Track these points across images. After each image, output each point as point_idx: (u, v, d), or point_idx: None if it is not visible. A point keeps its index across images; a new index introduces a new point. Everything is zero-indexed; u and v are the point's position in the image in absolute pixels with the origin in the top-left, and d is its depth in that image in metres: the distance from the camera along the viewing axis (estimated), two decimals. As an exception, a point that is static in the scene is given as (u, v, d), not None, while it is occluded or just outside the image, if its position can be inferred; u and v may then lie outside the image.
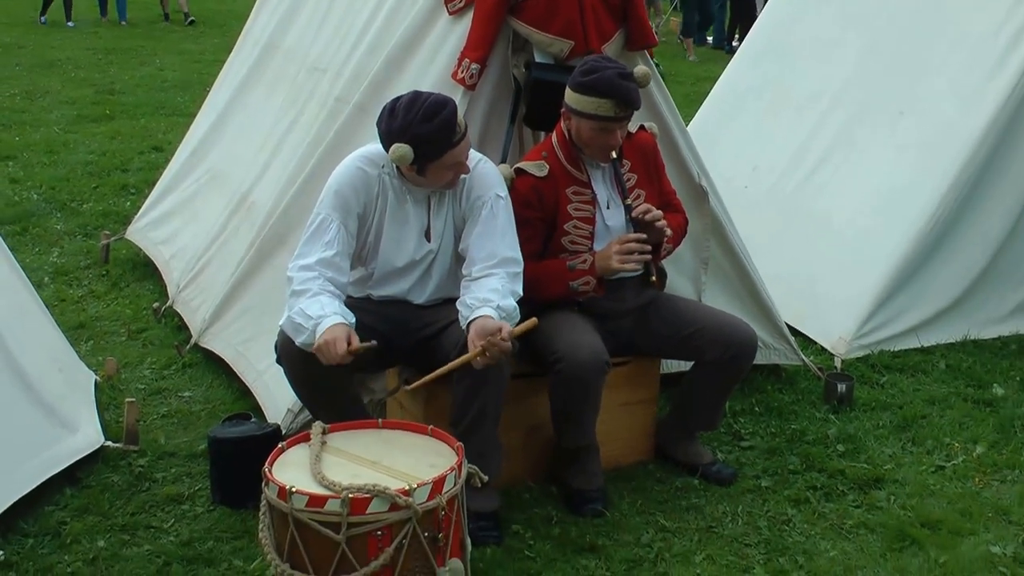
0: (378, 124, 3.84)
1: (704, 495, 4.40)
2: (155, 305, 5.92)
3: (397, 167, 3.89)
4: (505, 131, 4.50)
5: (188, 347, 5.37)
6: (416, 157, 3.73)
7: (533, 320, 3.75)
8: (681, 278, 4.92)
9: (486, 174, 4.00)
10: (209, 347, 5.28)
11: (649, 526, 4.17)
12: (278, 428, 4.26)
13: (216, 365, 5.26)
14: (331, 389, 3.89)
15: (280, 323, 3.81)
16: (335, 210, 3.90)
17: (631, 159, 4.27)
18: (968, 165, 5.78)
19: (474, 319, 3.71)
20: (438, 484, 3.20)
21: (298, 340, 3.71)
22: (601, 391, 4.10)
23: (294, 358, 3.81)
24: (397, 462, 3.35)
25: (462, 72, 4.44)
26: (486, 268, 3.88)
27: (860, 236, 6.01)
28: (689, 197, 4.79)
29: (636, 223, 4.16)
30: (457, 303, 3.86)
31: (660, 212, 4.21)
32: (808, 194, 6.45)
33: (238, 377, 5.06)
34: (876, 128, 6.30)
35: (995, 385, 5.39)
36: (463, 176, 3.93)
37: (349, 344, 3.60)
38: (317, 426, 3.51)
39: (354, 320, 3.72)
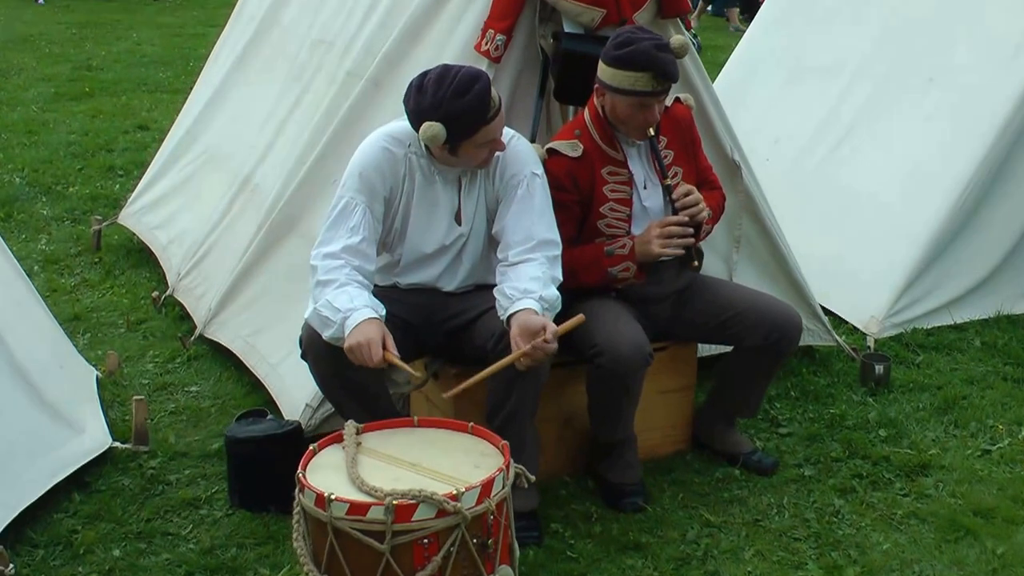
0: (405, 101, 3.65)
1: (746, 486, 4.26)
2: (154, 294, 5.72)
3: (426, 146, 3.70)
4: (534, 106, 4.32)
5: (193, 339, 5.19)
6: (448, 136, 3.54)
7: (580, 317, 3.58)
8: (712, 257, 4.74)
9: (520, 151, 3.81)
10: (215, 338, 5.10)
11: (693, 521, 4.03)
12: (299, 426, 4.08)
13: (224, 357, 5.08)
14: (361, 386, 3.72)
15: (305, 316, 3.63)
16: (360, 193, 3.72)
17: (667, 134, 4.09)
18: (1003, 133, 5.63)
19: (515, 313, 3.54)
20: (487, 487, 3.04)
21: (325, 334, 3.53)
22: (642, 384, 3.95)
23: (321, 354, 3.63)
24: (439, 463, 3.19)
25: (486, 44, 4.24)
26: (524, 252, 3.71)
27: (888, 210, 5.85)
28: (722, 172, 4.62)
29: (674, 205, 3.99)
30: (495, 291, 3.68)
31: (699, 194, 4.04)
32: (833, 167, 6.28)
33: (248, 370, 4.88)
34: (904, 97, 6.12)
35: (1037, 362, 5.26)
36: (496, 154, 3.73)
37: (385, 348, 3.42)
38: (350, 426, 3.33)
39: (384, 312, 3.55)
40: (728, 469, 4.35)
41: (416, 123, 3.59)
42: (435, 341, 3.90)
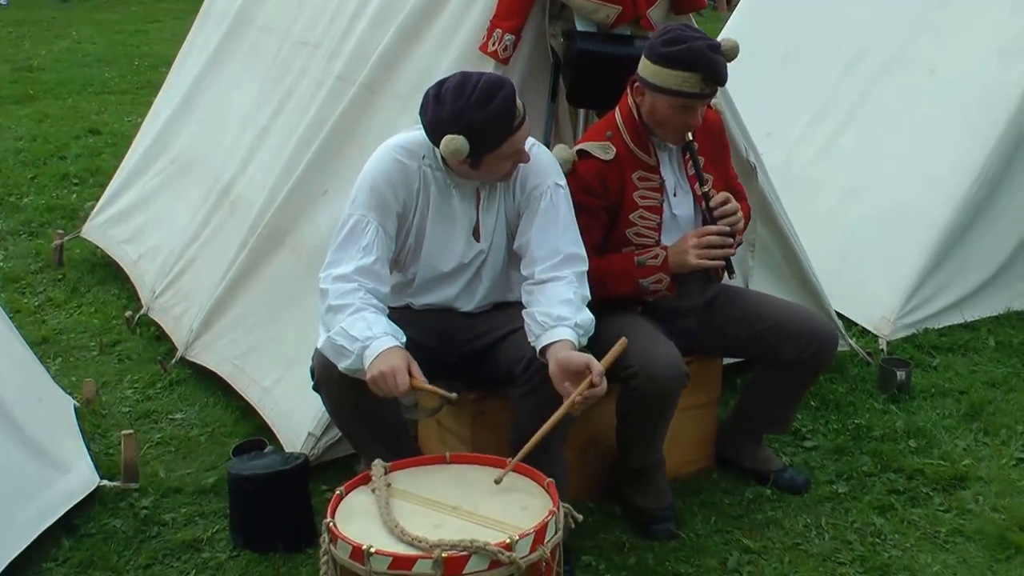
0: (422, 112, 3.40)
1: (779, 506, 4.07)
2: (127, 314, 5.42)
3: (442, 158, 3.46)
4: (545, 111, 4.10)
5: (174, 362, 4.91)
6: (471, 148, 3.29)
7: (623, 341, 3.36)
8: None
9: (542, 160, 3.58)
10: (199, 361, 4.83)
11: (731, 547, 3.83)
12: (306, 459, 3.82)
13: (208, 380, 4.81)
14: (378, 417, 3.48)
15: (318, 345, 3.37)
16: (371, 210, 3.47)
17: (699, 140, 3.88)
18: (1013, 123, 5.50)
19: (551, 345, 3.31)
20: (540, 533, 2.81)
21: (341, 365, 3.29)
22: (676, 405, 3.74)
23: (336, 385, 3.38)
24: (482, 506, 2.95)
25: (494, 44, 4.01)
26: (550, 268, 3.48)
27: (894, 205, 5.70)
28: (737, 174, 4.42)
29: (712, 213, 3.79)
30: (524, 314, 3.45)
31: (736, 202, 3.84)
32: (832, 161, 6.11)
33: (235, 394, 4.62)
34: (904, 87, 5.97)
35: (1057, 364, 5.13)
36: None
37: (411, 375, 3.18)
38: (378, 466, 3.09)
39: (405, 339, 3.30)
40: (758, 488, 4.16)
41: (435, 136, 3.35)
42: (451, 364, 3.66)
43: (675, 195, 3.86)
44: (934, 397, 4.85)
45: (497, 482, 3.08)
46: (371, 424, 3.49)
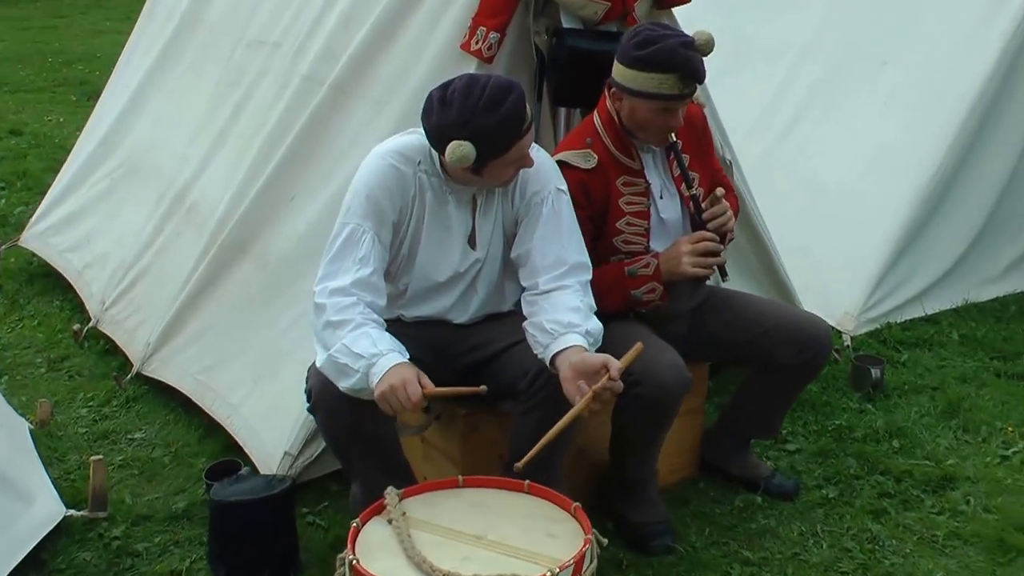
0: (425, 116, 3.18)
1: (772, 514, 3.95)
2: (75, 327, 5.10)
3: (440, 163, 3.26)
4: (532, 112, 3.88)
5: (129, 377, 4.62)
6: (477, 155, 3.09)
7: (639, 346, 3.18)
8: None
9: (541, 164, 3.39)
10: (158, 377, 4.55)
11: (730, 559, 3.69)
12: (292, 483, 3.59)
13: (167, 397, 4.54)
14: (376, 438, 3.28)
15: (318, 364, 3.14)
16: (366, 218, 3.25)
17: (683, 137, 3.70)
18: (970, 116, 5.45)
19: (562, 351, 3.12)
20: (578, 564, 2.63)
21: (344, 384, 3.07)
22: (678, 412, 3.58)
23: (336, 406, 3.16)
24: (507, 535, 2.76)
25: (477, 42, 3.81)
26: (556, 278, 3.30)
27: (852, 199, 5.62)
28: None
29: (702, 217, 3.63)
30: (528, 325, 3.26)
31: (726, 203, 3.69)
32: (784, 155, 6.01)
33: (196, 410, 4.36)
34: (856, 81, 5.91)
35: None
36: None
37: (422, 386, 2.98)
38: (392, 494, 2.88)
39: (408, 356, 3.10)
40: (747, 496, 4.03)
41: (439, 141, 3.14)
42: (445, 379, 3.44)
43: (661, 198, 3.70)
44: (908, 394, 4.78)
45: (518, 470, 2.94)
46: (369, 446, 3.29)
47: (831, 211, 5.66)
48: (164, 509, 3.87)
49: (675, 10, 4.15)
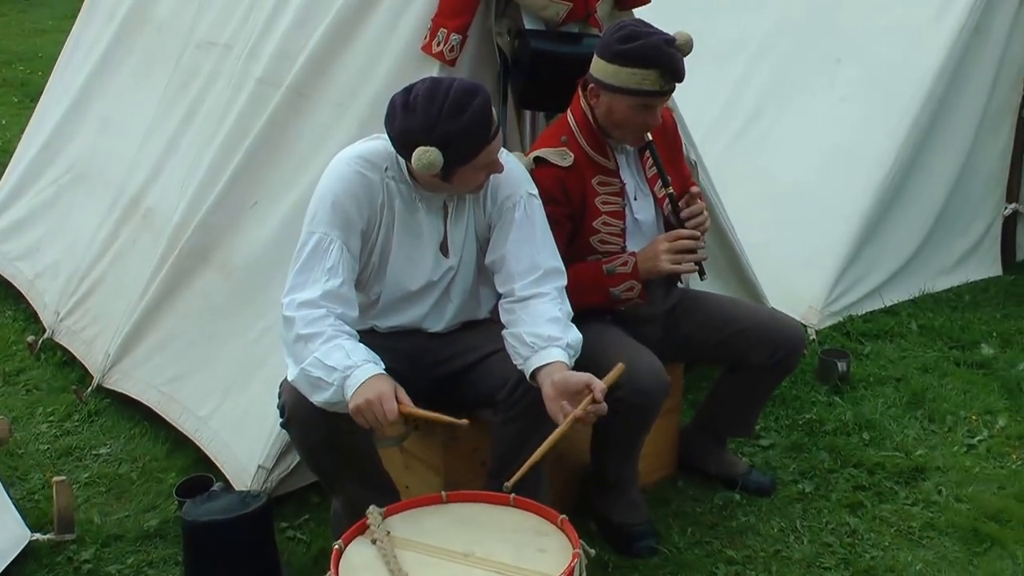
0: (388, 122, 3.07)
1: (751, 511, 3.91)
2: (30, 339, 4.93)
3: (408, 170, 3.15)
4: (498, 115, 3.78)
5: (90, 390, 4.46)
6: (445, 161, 2.99)
7: (620, 367, 3.11)
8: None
9: (512, 169, 3.29)
10: (120, 389, 4.41)
11: (714, 559, 3.65)
12: (269, 499, 3.46)
13: (131, 409, 4.40)
14: (352, 450, 3.16)
15: (289, 379, 3.02)
16: (333, 227, 3.12)
17: (656, 140, 3.63)
18: (923, 110, 5.46)
19: (544, 367, 3.03)
20: (570, 578, 2.55)
21: (318, 398, 2.96)
22: (658, 415, 3.52)
23: (308, 421, 3.05)
24: (495, 551, 2.67)
25: (439, 44, 3.70)
26: (531, 285, 3.20)
27: (812, 194, 5.59)
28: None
29: (679, 216, 3.57)
30: (507, 335, 3.17)
31: (702, 202, 3.62)
32: (742, 153, 5.96)
33: (162, 422, 4.23)
34: (810, 78, 5.88)
35: (982, 345, 5.10)
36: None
37: (399, 401, 2.88)
38: (374, 513, 2.77)
39: (384, 367, 2.99)
40: (726, 493, 3.99)
41: (405, 148, 3.02)
42: (423, 389, 3.33)
43: (635, 199, 3.63)
44: (873, 386, 4.76)
45: (507, 490, 2.83)
46: (347, 460, 3.17)
47: (789, 207, 5.62)
48: (135, 528, 3.74)
49: (635, 11, 4.05)
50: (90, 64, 5.37)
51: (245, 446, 3.82)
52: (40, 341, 4.87)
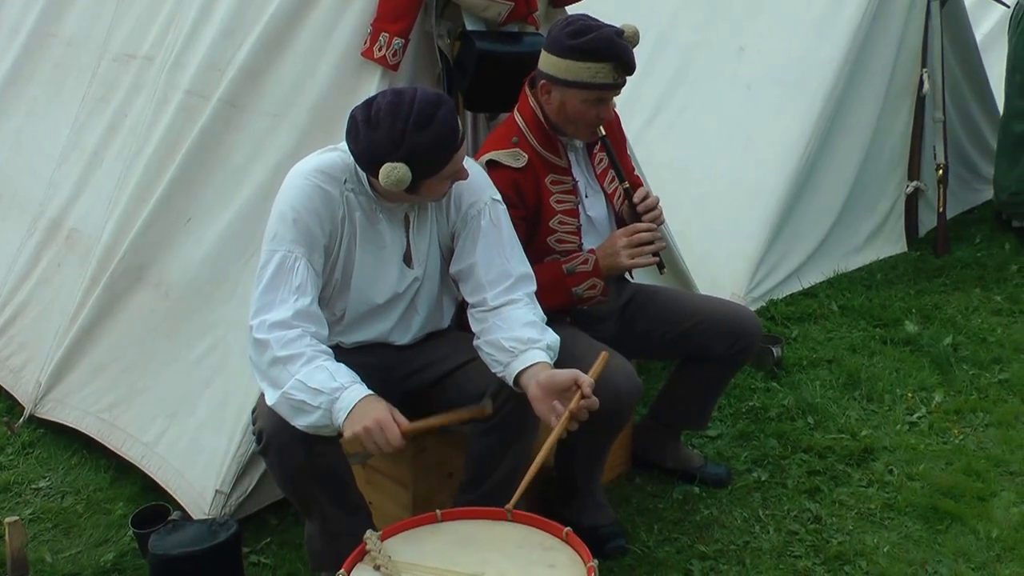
0: (350, 138, 2.86)
1: (712, 504, 3.80)
2: (-51, 372, 4.55)
3: (369, 182, 2.95)
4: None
5: (21, 421, 4.14)
6: (413, 175, 2.79)
7: (604, 356, 2.95)
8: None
9: (475, 175, 3.11)
10: (53, 418, 4.09)
11: (686, 555, 3.52)
12: (238, 527, 3.21)
13: (67, 438, 4.09)
14: (331, 472, 2.95)
15: (269, 403, 2.79)
16: (297, 244, 2.90)
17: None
18: (831, 96, 5.48)
19: (527, 369, 2.86)
20: (588, 595, 2.39)
21: (302, 422, 2.74)
22: (631, 418, 3.38)
23: (291, 447, 2.83)
24: (505, 570, 2.49)
25: (380, 49, 3.50)
26: (503, 292, 3.03)
27: (724, 183, 5.54)
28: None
29: (635, 209, 3.43)
30: (483, 343, 2.98)
31: (656, 196, 3.49)
32: (650, 143, 5.83)
33: (101, 449, 3.94)
34: (714, 68, 5.81)
35: (906, 322, 5.09)
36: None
37: (398, 424, 2.69)
38: (372, 537, 2.57)
39: (367, 387, 2.79)
40: (684, 487, 3.88)
41: (371, 165, 2.82)
42: (394, 404, 3.12)
43: (587, 196, 3.49)
44: (807, 369, 4.71)
45: (509, 511, 2.68)
46: (326, 482, 2.96)
47: (705, 196, 5.55)
48: (91, 564, 3.46)
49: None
50: (-2, 80, 5.00)
51: (198, 471, 3.57)
52: (-39, 372, 4.51)
